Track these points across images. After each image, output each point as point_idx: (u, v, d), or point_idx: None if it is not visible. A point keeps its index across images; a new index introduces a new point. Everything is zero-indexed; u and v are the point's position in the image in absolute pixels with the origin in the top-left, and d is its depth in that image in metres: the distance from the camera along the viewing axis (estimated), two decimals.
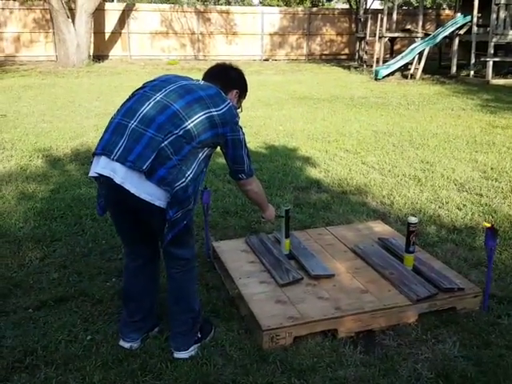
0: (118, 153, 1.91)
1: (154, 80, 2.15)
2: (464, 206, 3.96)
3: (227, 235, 3.38)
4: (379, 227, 3.33)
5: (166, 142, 1.90)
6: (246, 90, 2.34)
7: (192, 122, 1.95)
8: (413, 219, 2.63)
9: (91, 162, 2.03)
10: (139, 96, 2.04)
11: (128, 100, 2.08)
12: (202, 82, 2.15)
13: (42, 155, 5.34)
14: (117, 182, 1.90)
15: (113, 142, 1.94)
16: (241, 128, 2.16)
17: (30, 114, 7.76)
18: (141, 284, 2.25)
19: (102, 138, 2.01)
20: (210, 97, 2.03)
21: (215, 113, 2.01)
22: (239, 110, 2.27)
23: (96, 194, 2.25)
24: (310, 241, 3.09)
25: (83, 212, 3.78)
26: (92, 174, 1.99)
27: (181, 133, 1.92)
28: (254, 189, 2.30)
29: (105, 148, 1.95)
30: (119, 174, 1.89)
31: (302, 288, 2.50)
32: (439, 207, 3.94)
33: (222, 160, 5.22)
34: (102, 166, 1.93)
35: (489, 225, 2.42)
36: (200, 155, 2.02)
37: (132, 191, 1.89)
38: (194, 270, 2.22)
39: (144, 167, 1.87)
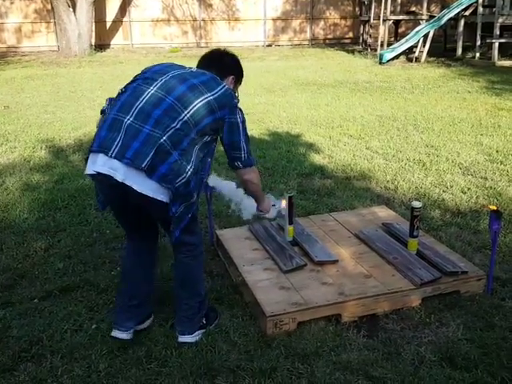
0: (116, 149, 1.88)
1: (146, 71, 2.11)
2: (468, 189, 3.93)
3: (231, 223, 3.38)
4: (383, 212, 3.32)
5: (164, 138, 1.87)
6: (241, 76, 2.31)
7: (188, 112, 1.93)
8: (417, 204, 2.61)
9: (86, 159, 2.00)
10: (133, 89, 2.01)
11: (122, 94, 2.04)
12: (195, 70, 2.11)
13: (46, 146, 5.34)
14: (118, 179, 1.88)
15: (109, 138, 1.90)
16: (241, 111, 2.11)
17: (32, 104, 7.76)
18: (141, 266, 2.24)
19: (97, 134, 1.97)
20: (204, 83, 2.00)
21: (211, 97, 1.97)
22: (237, 94, 2.24)
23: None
24: (314, 227, 3.08)
25: (87, 202, 3.79)
26: (89, 171, 1.95)
27: (178, 125, 1.90)
28: (253, 179, 2.21)
29: (102, 145, 1.91)
30: (120, 171, 1.87)
31: (305, 274, 2.51)
32: (443, 191, 3.92)
33: None
34: (101, 164, 1.90)
35: (493, 207, 2.41)
36: (198, 145, 2.00)
37: (134, 187, 1.88)
38: (201, 256, 2.23)
39: (143, 165, 1.85)
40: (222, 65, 2.21)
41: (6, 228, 3.39)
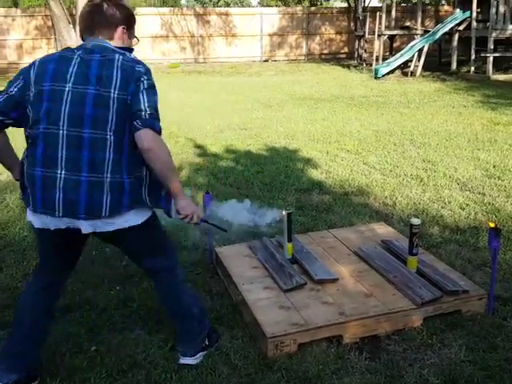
0: (62, 208, 1.74)
1: (40, 81, 1.78)
2: (467, 205, 3.95)
3: (230, 240, 3.37)
4: (382, 229, 3.32)
5: (107, 175, 1.74)
6: (132, 21, 1.95)
7: (110, 124, 1.74)
8: (415, 221, 2.62)
9: (24, 201, 1.85)
10: (45, 134, 1.75)
11: (36, 138, 1.76)
12: (81, 54, 1.80)
13: None
14: (85, 232, 1.79)
15: (48, 198, 1.75)
16: (147, 73, 1.81)
17: None
18: (39, 306, 2.03)
19: (32, 193, 1.78)
20: (100, 79, 1.74)
21: (116, 94, 1.74)
22: (135, 41, 2.02)
23: None
24: (313, 244, 3.08)
25: None
26: (42, 226, 1.81)
27: (111, 155, 1.75)
28: (156, 150, 1.75)
29: (44, 206, 1.76)
30: (83, 224, 1.77)
31: (305, 293, 2.50)
32: (442, 207, 3.93)
33: (223, 163, 5.25)
34: (55, 223, 1.78)
35: (492, 225, 2.41)
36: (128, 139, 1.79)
37: (106, 230, 1.80)
38: (181, 275, 2.14)
39: (103, 214, 1.76)
40: (105, 19, 1.86)
41: (5, 246, 3.37)
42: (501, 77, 12.73)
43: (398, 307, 2.35)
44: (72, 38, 15.32)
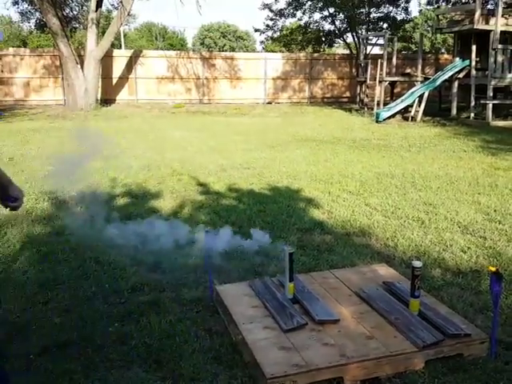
0: None
1: None
2: (468, 248, 3.95)
3: (231, 278, 3.36)
4: (383, 270, 3.32)
5: None
6: None
7: None
8: (417, 263, 2.62)
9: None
10: None
11: None
12: None
13: (48, 198, 5.40)
14: None
15: None
16: None
17: (37, 156, 7.90)
18: None
19: None
20: None
21: None
22: None
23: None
24: (315, 284, 3.07)
25: (87, 255, 3.78)
26: None
27: None
28: None
29: None
30: None
31: (306, 334, 2.47)
32: (443, 250, 3.93)
33: (226, 201, 5.29)
34: None
35: (494, 269, 2.41)
36: None
37: None
38: None
39: None
40: None
41: (5, 280, 3.36)
42: (500, 123, 12.97)
43: (399, 350, 2.33)
44: (79, 78, 15.78)
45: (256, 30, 24.51)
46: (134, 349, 2.54)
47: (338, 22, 22.06)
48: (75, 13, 23.41)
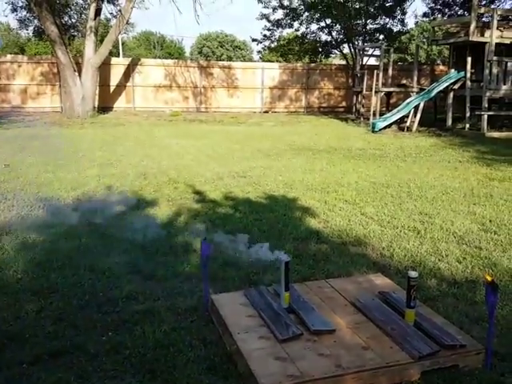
0: None
1: None
2: (464, 258, 3.95)
3: (226, 287, 3.35)
4: (379, 280, 3.31)
5: None
6: None
7: None
8: (413, 273, 2.62)
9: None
10: None
11: None
12: None
13: (44, 205, 5.37)
14: None
15: None
16: None
17: (33, 163, 7.87)
18: None
19: None
20: None
21: None
22: None
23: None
24: (310, 293, 3.06)
25: (82, 263, 3.76)
26: None
27: None
28: None
29: None
30: None
31: (302, 344, 2.46)
32: (439, 260, 3.93)
33: (222, 210, 5.28)
34: None
35: (490, 278, 2.41)
36: None
37: None
38: None
39: None
40: None
41: None
42: (495, 134, 13.05)
43: (395, 360, 2.32)
44: (77, 85, 15.80)
45: (253, 40, 24.64)
46: (127, 358, 2.51)
47: (334, 33, 22.24)
48: (74, 21, 23.53)
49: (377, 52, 18.43)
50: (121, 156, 8.79)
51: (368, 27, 21.45)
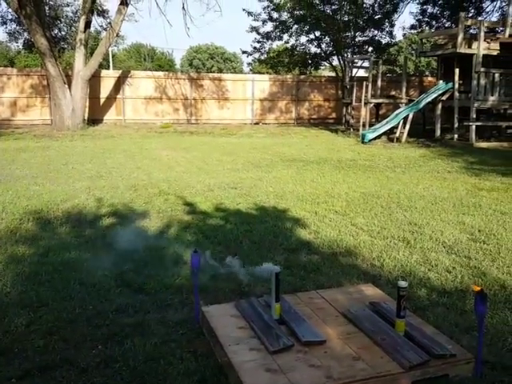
0: None
1: None
2: (453, 268, 3.98)
3: (217, 299, 3.34)
4: (370, 290, 3.32)
5: None
6: None
7: None
8: (403, 283, 2.64)
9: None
10: None
11: None
12: None
13: (33, 218, 5.33)
14: None
15: None
16: None
17: (22, 176, 7.83)
18: None
19: None
20: None
21: None
22: None
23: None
24: (301, 304, 3.06)
25: (71, 276, 3.73)
26: None
27: None
28: None
29: None
30: None
31: (293, 355, 2.46)
32: (429, 270, 3.96)
33: (212, 221, 5.28)
34: None
35: (478, 288, 2.44)
36: None
37: None
38: None
39: None
40: None
41: None
42: (483, 144, 13.23)
43: (385, 371, 2.32)
44: (66, 98, 15.78)
45: (243, 52, 24.81)
46: (118, 372, 2.49)
47: (324, 45, 22.45)
48: (63, 33, 23.59)
49: (366, 64, 18.66)
50: (111, 168, 8.76)
51: (357, 39, 21.71)
